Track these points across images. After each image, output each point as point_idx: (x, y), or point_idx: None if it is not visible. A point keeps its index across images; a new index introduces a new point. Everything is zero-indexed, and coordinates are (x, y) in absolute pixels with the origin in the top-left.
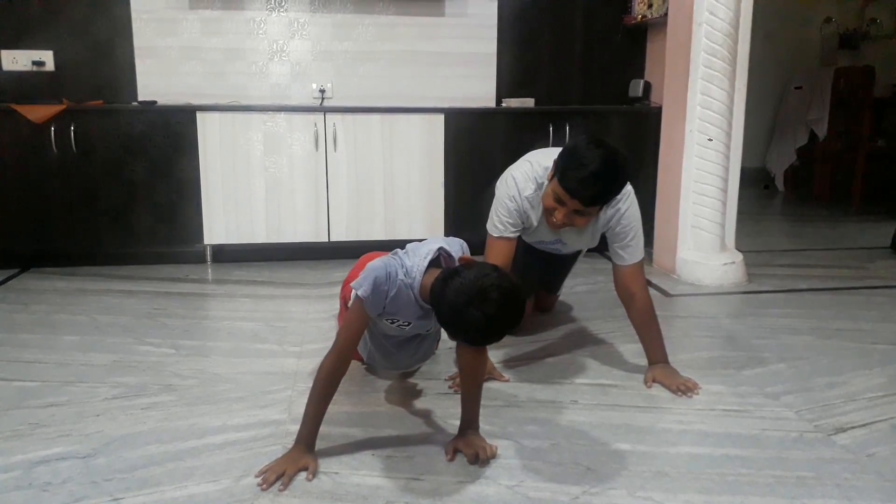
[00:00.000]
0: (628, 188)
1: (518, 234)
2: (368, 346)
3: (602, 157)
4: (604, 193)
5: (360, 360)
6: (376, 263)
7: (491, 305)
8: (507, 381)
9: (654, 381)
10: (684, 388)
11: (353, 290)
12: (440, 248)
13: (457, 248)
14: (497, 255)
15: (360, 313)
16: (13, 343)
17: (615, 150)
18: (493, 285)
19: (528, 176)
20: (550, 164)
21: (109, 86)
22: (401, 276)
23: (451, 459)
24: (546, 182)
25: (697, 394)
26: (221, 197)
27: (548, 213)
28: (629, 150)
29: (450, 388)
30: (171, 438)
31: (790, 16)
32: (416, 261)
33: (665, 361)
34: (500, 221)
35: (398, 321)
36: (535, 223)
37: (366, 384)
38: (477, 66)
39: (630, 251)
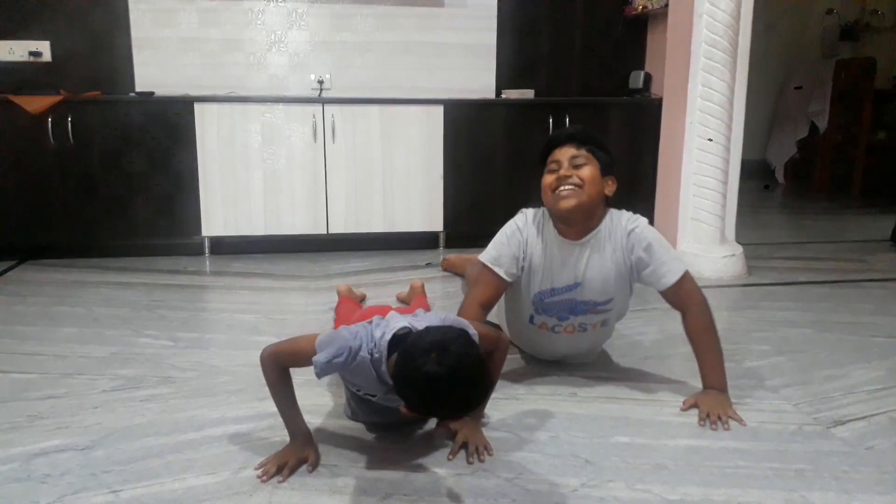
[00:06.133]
0: (630, 221)
1: (512, 277)
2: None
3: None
4: (581, 132)
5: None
6: (345, 335)
7: (450, 357)
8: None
9: (692, 406)
10: (714, 419)
11: (314, 345)
12: (406, 327)
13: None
14: (481, 288)
15: (307, 356)
16: (11, 335)
17: None
18: (456, 339)
19: (535, 213)
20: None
21: (107, 77)
22: (364, 353)
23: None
24: (544, 212)
25: (727, 428)
26: (219, 189)
27: (552, 197)
28: (629, 142)
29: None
30: (169, 430)
31: (791, 7)
32: (384, 332)
33: (718, 388)
34: (495, 247)
35: (361, 391)
36: (540, 257)
37: None
38: (476, 57)
39: (662, 273)
